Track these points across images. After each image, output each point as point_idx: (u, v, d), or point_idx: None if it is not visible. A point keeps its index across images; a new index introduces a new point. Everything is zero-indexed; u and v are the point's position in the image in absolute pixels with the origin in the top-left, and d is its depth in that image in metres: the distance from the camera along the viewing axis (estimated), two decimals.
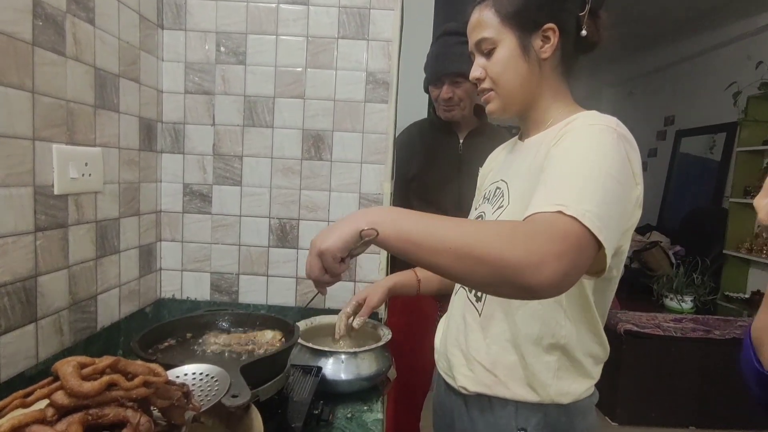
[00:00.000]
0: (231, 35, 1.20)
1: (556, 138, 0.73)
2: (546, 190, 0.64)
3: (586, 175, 0.64)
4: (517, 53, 0.79)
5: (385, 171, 1.23)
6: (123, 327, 1.07)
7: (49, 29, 0.79)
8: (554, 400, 0.78)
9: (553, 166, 0.68)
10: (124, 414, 0.41)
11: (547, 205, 0.60)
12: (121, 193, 1.04)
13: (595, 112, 0.76)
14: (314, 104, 1.21)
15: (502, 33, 0.79)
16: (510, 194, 0.82)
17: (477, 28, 0.81)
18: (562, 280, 0.56)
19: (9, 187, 0.73)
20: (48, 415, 0.40)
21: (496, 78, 0.80)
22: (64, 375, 0.40)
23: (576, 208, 0.59)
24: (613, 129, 0.69)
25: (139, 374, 0.43)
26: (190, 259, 1.26)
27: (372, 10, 1.19)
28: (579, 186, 0.62)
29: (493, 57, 0.80)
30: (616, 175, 0.65)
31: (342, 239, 0.61)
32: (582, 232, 0.58)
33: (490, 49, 0.80)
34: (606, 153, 0.66)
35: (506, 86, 0.80)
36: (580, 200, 0.60)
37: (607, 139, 0.67)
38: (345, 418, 0.89)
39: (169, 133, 1.22)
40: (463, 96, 1.56)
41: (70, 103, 0.85)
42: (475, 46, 0.82)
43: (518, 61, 0.79)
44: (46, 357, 0.82)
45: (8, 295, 0.74)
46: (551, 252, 0.55)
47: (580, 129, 0.71)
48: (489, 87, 0.82)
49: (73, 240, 0.88)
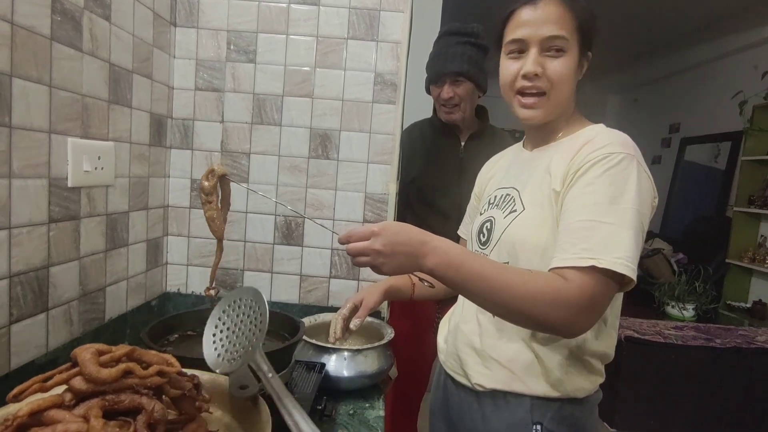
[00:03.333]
0: (242, 34, 1.21)
1: (578, 165, 0.73)
2: (576, 239, 0.68)
3: (615, 220, 0.68)
4: (576, 66, 0.78)
5: (391, 171, 1.24)
6: (129, 319, 1.09)
7: (66, 24, 0.81)
8: (570, 395, 0.80)
9: (580, 209, 0.70)
10: (140, 401, 0.42)
11: (580, 259, 0.66)
12: (131, 187, 1.06)
13: (606, 130, 0.78)
14: (322, 104, 1.23)
15: (572, 40, 0.77)
16: (523, 200, 0.82)
17: (554, 22, 0.75)
18: (590, 327, 0.69)
19: (25, 179, 0.74)
20: (66, 400, 0.41)
21: (557, 81, 0.77)
22: (83, 361, 0.41)
23: (609, 260, 0.65)
24: (632, 156, 0.71)
25: (154, 363, 0.44)
26: (195, 254, 1.27)
27: (382, 11, 1.20)
28: (609, 233, 0.67)
29: (560, 60, 0.76)
30: (640, 209, 0.69)
31: (398, 271, 0.69)
32: (614, 278, 0.66)
33: (559, 50, 0.76)
34: (632, 190, 0.69)
35: (561, 94, 0.78)
36: (612, 248, 0.66)
37: (631, 174, 0.70)
38: (347, 415, 0.90)
39: (179, 129, 1.24)
40: (464, 96, 1.55)
41: (86, 98, 0.87)
42: (542, 41, 0.76)
43: (575, 74, 0.79)
44: (55, 346, 0.84)
45: (21, 285, 0.75)
46: (587, 312, 0.66)
47: (603, 164, 0.71)
48: (544, 88, 0.78)
49: (84, 232, 0.90)
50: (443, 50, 1.56)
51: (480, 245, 0.89)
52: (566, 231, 0.70)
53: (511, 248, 0.80)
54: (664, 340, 2.63)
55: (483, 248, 0.87)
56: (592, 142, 0.75)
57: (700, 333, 2.75)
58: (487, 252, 0.86)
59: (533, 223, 0.78)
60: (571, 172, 0.74)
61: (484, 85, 1.58)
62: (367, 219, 1.26)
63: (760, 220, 3.62)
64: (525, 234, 0.79)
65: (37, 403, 0.42)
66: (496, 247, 0.84)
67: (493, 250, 0.84)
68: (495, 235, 0.85)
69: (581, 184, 0.71)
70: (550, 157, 0.80)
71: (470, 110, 1.60)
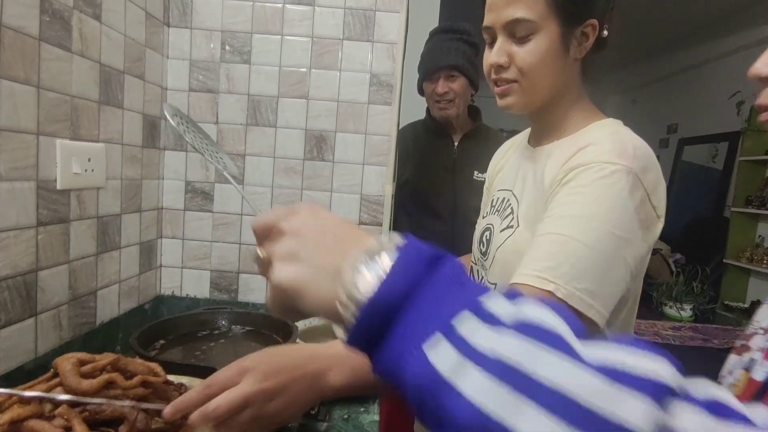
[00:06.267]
0: (236, 34, 1.20)
1: (566, 171, 0.66)
2: (543, 253, 0.60)
3: (588, 240, 0.59)
4: (557, 47, 0.67)
5: (387, 173, 1.23)
6: (122, 323, 1.07)
7: (55, 25, 0.79)
8: None
9: (556, 219, 0.62)
10: (122, 410, 0.41)
11: (541, 280, 0.58)
12: (123, 189, 1.05)
13: (610, 135, 0.68)
14: (317, 105, 1.22)
15: (545, 19, 0.66)
16: (518, 214, 0.76)
17: (511, 3, 0.66)
18: None
19: (12, 181, 0.73)
20: (46, 410, 0.40)
21: (527, 70, 0.68)
22: (64, 372, 0.40)
23: (569, 289, 0.57)
24: (628, 170, 0.61)
25: (139, 373, 0.43)
26: (190, 257, 1.26)
27: (378, 12, 1.19)
28: (578, 254, 0.59)
29: (528, 45, 0.67)
30: (621, 233, 0.60)
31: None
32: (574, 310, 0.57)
33: (526, 35, 0.67)
34: (615, 210, 0.60)
35: (535, 82, 0.69)
36: (577, 274, 0.58)
37: (620, 192, 0.61)
38: (341, 419, 0.89)
39: (173, 130, 1.22)
40: (458, 91, 1.54)
41: (75, 99, 0.86)
42: (504, 26, 0.68)
43: (556, 57, 0.67)
44: (44, 351, 0.82)
45: (8, 289, 0.74)
46: None
47: (591, 174, 0.63)
48: (513, 78, 0.69)
49: (74, 235, 0.88)
50: (436, 46, 1.55)
51: (480, 254, 0.87)
52: (536, 242, 0.63)
53: (502, 269, 0.75)
54: (662, 341, 2.63)
55: (483, 258, 0.85)
56: (589, 147, 0.66)
57: (698, 333, 2.74)
58: (486, 263, 0.82)
59: (525, 246, 0.70)
60: (557, 178, 0.67)
61: (476, 82, 1.57)
62: (362, 221, 1.25)
63: (758, 220, 3.62)
64: (515, 258, 0.71)
65: (17, 413, 0.41)
66: (493, 264, 0.80)
67: (491, 266, 0.81)
68: (492, 248, 0.81)
69: (564, 192, 0.64)
70: (546, 158, 0.74)
71: (464, 107, 1.59)
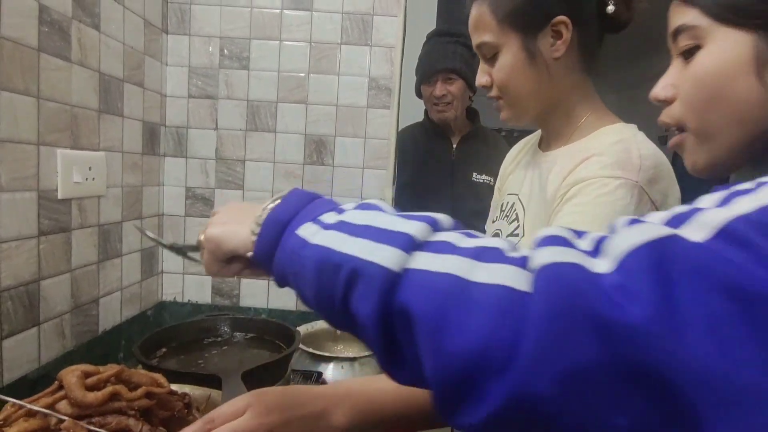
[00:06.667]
0: (235, 40, 1.20)
1: (569, 185, 0.64)
2: None
3: None
4: (522, 58, 0.67)
5: (387, 176, 1.24)
6: (125, 330, 1.07)
7: (54, 35, 0.80)
8: None
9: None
10: (126, 422, 0.41)
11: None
12: (124, 196, 1.05)
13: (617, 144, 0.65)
14: (317, 109, 1.22)
15: (501, 36, 0.67)
16: (524, 222, 0.75)
17: (476, 29, 0.70)
18: None
19: (13, 192, 0.73)
20: (52, 423, 0.40)
21: (503, 86, 0.70)
22: (69, 385, 0.40)
23: None
24: (633, 184, 0.60)
25: (143, 384, 0.43)
26: (191, 263, 1.25)
27: (375, 16, 1.19)
28: None
29: (497, 63, 0.69)
30: None
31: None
32: None
33: (492, 55, 0.69)
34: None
35: (515, 95, 0.71)
36: None
37: (624, 208, 0.59)
38: None
39: (172, 137, 1.23)
40: (456, 94, 1.54)
41: (75, 108, 0.86)
42: (477, 50, 0.72)
43: (525, 67, 0.68)
44: (47, 360, 0.83)
45: (11, 300, 0.74)
46: None
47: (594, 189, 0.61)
48: (496, 95, 0.72)
49: (75, 244, 0.89)
50: (434, 48, 1.55)
51: None
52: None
53: None
54: None
55: None
56: (592, 159, 0.64)
57: None
58: None
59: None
60: (560, 193, 0.66)
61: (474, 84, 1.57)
62: None
63: None
64: None
65: (24, 426, 0.41)
66: None
67: None
68: None
69: (565, 211, 0.63)
70: (551, 166, 0.72)
71: (462, 109, 1.59)
